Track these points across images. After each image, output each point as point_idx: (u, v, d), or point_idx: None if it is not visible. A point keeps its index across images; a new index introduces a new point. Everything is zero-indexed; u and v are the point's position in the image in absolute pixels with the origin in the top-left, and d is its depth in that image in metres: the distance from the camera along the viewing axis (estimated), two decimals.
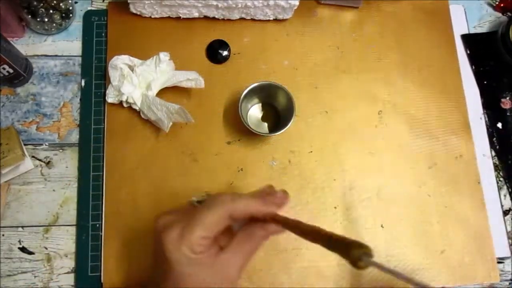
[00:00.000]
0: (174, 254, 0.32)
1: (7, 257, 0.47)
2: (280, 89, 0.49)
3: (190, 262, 0.32)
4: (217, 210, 0.33)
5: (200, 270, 0.32)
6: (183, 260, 0.32)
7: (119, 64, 0.49)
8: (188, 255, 0.32)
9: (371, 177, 0.52)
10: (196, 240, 0.32)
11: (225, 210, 0.33)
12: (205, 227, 0.32)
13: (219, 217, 0.33)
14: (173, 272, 0.32)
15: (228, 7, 0.53)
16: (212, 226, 0.32)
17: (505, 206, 0.54)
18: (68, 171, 0.50)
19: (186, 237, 0.32)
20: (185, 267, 0.32)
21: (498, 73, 0.59)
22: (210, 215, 0.33)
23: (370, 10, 0.59)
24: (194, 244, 0.32)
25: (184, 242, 0.32)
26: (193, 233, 0.32)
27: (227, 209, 0.33)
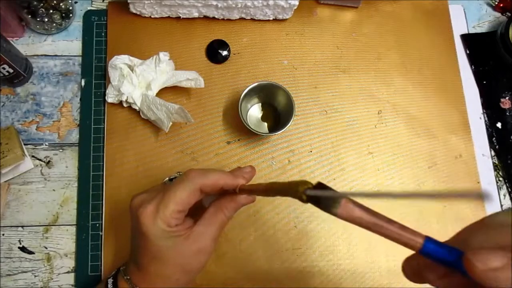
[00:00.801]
0: (150, 229, 0.33)
1: (7, 256, 0.47)
2: (280, 89, 0.49)
3: (166, 235, 0.33)
4: (188, 184, 0.34)
5: (177, 243, 0.34)
6: (159, 234, 0.33)
7: (119, 64, 0.49)
8: (164, 228, 0.33)
9: (371, 176, 0.52)
10: (171, 214, 0.33)
11: (195, 183, 0.34)
12: (178, 201, 0.33)
13: (191, 191, 0.34)
14: (151, 246, 0.34)
15: (228, 7, 0.53)
16: (185, 200, 0.34)
17: (505, 206, 0.54)
18: (68, 171, 0.50)
19: (161, 212, 0.33)
20: (162, 241, 0.33)
21: (497, 73, 0.59)
22: (182, 189, 0.34)
23: (370, 10, 0.59)
24: (169, 218, 0.33)
25: (160, 217, 0.33)
26: (167, 208, 0.33)
27: (197, 182, 0.34)
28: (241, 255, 0.48)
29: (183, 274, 0.35)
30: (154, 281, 0.35)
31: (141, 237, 0.34)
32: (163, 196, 0.34)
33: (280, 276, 0.48)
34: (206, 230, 0.35)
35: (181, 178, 0.35)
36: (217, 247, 0.47)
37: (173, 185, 0.35)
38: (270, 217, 0.49)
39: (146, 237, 0.33)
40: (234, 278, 0.47)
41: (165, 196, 0.34)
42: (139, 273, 0.36)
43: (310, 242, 0.49)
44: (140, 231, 0.34)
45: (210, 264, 0.47)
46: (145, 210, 0.33)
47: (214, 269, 0.47)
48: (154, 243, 0.33)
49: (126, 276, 0.36)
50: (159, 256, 0.34)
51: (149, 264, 0.34)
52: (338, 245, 0.50)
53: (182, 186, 0.34)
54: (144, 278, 0.35)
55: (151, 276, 0.35)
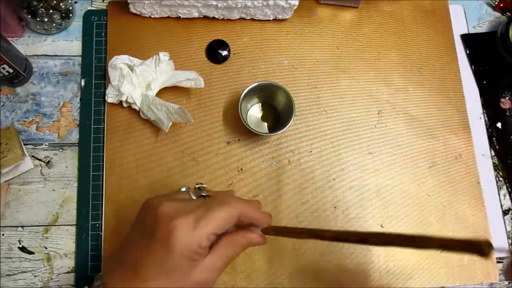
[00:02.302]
0: (181, 243, 0.31)
1: (7, 256, 0.47)
2: (280, 89, 0.49)
3: (190, 255, 0.31)
4: (231, 209, 0.33)
5: (189, 267, 0.32)
6: (185, 250, 0.31)
7: (119, 64, 0.49)
8: (193, 247, 0.31)
9: (371, 176, 0.52)
10: (207, 235, 0.31)
11: (238, 210, 0.33)
12: (218, 222, 0.32)
13: (231, 216, 0.33)
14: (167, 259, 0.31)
15: (227, 7, 0.53)
16: (224, 223, 0.32)
17: (505, 206, 0.54)
18: (68, 171, 0.50)
19: (199, 229, 0.31)
20: (182, 259, 0.31)
21: (497, 73, 0.59)
22: (224, 212, 0.32)
23: (370, 10, 0.59)
24: (204, 237, 0.31)
25: (196, 233, 0.31)
26: (207, 227, 0.31)
27: (240, 210, 0.33)
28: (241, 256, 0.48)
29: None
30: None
31: (160, 247, 0.31)
32: (204, 213, 0.32)
33: (280, 277, 0.48)
34: (216, 263, 0.33)
35: (222, 199, 0.34)
36: None
37: (213, 204, 0.33)
38: None
39: (168, 249, 0.31)
40: (234, 278, 0.47)
41: (206, 214, 0.32)
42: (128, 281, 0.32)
43: (310, 242, 0.49)
44: (164, 241, 0.31)
45: None
46: (182, 222, 0.31)
47: None
48: (173, 258, 0.31)
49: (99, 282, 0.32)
50: (169, 273, 0.31)
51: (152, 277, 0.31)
52: (338, 245, 0.50)
53: (224, 208, 0.32)
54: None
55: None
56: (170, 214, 0.32)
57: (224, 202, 0.33)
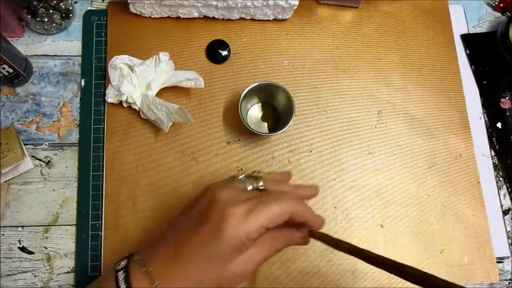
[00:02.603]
0: (230, 231, 0.31)
1: (7, 256, 0.47)
2: (280, 89, 0.49)
3: (236, 245, 0.31)
4: (285, 206, 0.33)
5: (232, 257, 0.32)
6: (233, 240, 0.31)
7: (118, 64, 0.49)
8: (242, 237, 0.31)
9: (371, 176, 0.52)
10: (257, 227, 0.31)
11: (291, 207, 0.33)
12: (270, 217, 0.32)
13: (284, 212, 0.32)
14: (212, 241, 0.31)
15: (227, 7, 0.53)
16: (275, 218, 0.32)
17: (505, 206, 0.54)
18: (68, 171, 0.50)
19: (251, 220, 0.31)
20: (228, 247, 0.31)
21: (497, 73, 0.59)
22: (278, 208, 0.32)
23: (370, 10, 0.59)
24: (254, 229, 0.31)
25: (247, 224, 0.31)
26: (258, 219, 0.31)
27: (293, 207, 0.33)
28: None
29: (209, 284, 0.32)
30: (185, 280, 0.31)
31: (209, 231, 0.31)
32: (257, 205, 0.32)
33: (280, 277, 0.48)
34: (256, 256, 0.33)
35: (278, 195, 0.34)
36: None
37: (269, 198, 0.33)
38: None
39: (217, 235, 0.31)
40: None
41: (259, 206, 0.32)
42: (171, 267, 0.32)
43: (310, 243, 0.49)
44: (215, 226, 0.31)
45: None
46: (235, 210, 0.31)
47: None
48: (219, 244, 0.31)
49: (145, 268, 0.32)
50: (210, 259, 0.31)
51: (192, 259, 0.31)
52: None
53: (278, 203, 0.32)
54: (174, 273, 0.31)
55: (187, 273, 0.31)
56: (225, 201, 0.32)
57: (281, 197, 0.33)
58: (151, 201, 0.49)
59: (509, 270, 0.52)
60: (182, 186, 0.49)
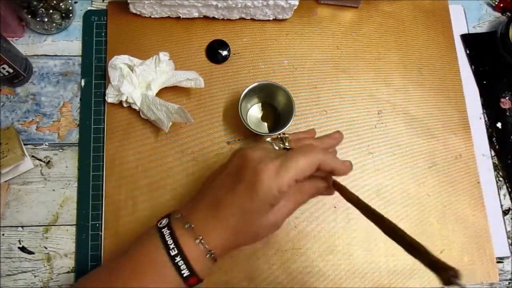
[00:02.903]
0: (264, 186, 0.33)
1: (7, 256, 0.47)
2: (280, 89, 0.49)
3: (270, 199, 0.33)
4: (311, 158, 0.34)
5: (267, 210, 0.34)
6: (267, 194, 0.33)
7: (118, 64, 0.49)
8: (274, 191, 0.33)
9: (371, 176, 0.52)
10: (288, 181, 0.33)
11: (318, 159, 0.34)
12: (299, 169, 0.33)
13: (312, 164, 0.34)
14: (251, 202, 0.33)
15: (227, 7, 0.53)
16: (304, 170, 0.34)
17: (505, 206, 0.54)
18: (68, 171, 0.50)
19: (281, 175, 0.33)
20: (263, 202, 0.33)
21: (497, 73, 0.59)
22: (305, 160, 0.34)
23: (370, 10, 0.59)
24: (285, 183, 0.33)
25: (278, 178, 0.33)
26: (288, 172, 0.33)
27: (320, 158, 0.35)
28: (241, 256, 0.48)
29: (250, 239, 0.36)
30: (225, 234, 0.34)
31: (245, 188, 0.33)
32: (286, 160, 0.34)
33: (280, 277, 0.48)
34: (286, 207, 0.36)
35: (304, 149, 0.35)
36: None
37: (296, 153, 0.35)
38: None
39: (252, 190, 0.33)
40: (234, 278, 0.47)
41: (287, 161, 0.34)
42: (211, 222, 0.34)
43: (310, 243, 0.49)
44: (250, 183, 0.33)
45: None
46: (267, 166, 0.33)
47: (214, 270, 0.47)
48: (254, 199, 0.33)
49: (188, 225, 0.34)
50: (247, 212, 0.33)
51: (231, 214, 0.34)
52: (338, 245, 0.50)
53: (305, 156, 0.34)
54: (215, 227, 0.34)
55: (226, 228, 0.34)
56: (257, 159, 0.34)
57: (307, 150, 0.35)
58: (151, 201, 0.49)
59: (509, 270, 0.52)
60: (182, 186, 0.49)
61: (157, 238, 0.34)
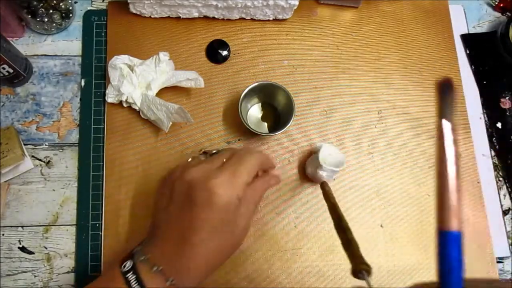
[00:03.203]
0: (222, 199, 0.32)
1: (7, 256, 0.47)
2: (280, 89, 0.49)
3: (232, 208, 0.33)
4: (256, 157, 0.35)
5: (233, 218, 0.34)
6: (230, 205, 0.33)
7: (118, 64, 0.49)
8: (234, 199, 0.33)
9: (371, 176, 0.52)
10: (242, 186, 0.34)
11: (259, 160, 0.36)
12: (248, 174, 0.34)
13: (256, 165, 0.36)
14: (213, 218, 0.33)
15: (227, 7, 0.53)
16: (252, 174, 0.35)
17: (505, 206, 0.54)
18: (68, 171, 0.50)
19: (235, 183, 0.33)
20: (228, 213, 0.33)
21: (497, 73, 0.59)
22: (251, 164, 0.35)
23: (370, 10, 0.59)
24: (240, 189, 0.34)
25: (234, 187, 0.33)
26: (241, 179, 0.34)
27: (260, 159, 0.36)
28: (241, 256, 0.48)
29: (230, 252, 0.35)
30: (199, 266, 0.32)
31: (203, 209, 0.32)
32: (234, 168, 0.34)
33: (280, 277, 0.48)
34: (248, 208, 0.36)
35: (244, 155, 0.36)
36: None
37: (242, 156, 0.36)
38: (271, 217, 0.49)
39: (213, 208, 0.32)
40: (234, 278, 0.47)
41: (237, 168, 0.34)
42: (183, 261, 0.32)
43: (310, 243, 0.49)
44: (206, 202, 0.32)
45: None
46: (218, 180, 0.33)
47: None
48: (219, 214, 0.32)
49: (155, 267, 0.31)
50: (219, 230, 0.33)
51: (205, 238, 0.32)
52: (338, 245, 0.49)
53: (250, 161, 0.35)
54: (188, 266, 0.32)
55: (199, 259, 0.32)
56: (201, 178, 0.34)
57: (247, 154, 0.36)
58: (151, 201, 0.49)
59: (509, 270, 0.52)
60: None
61: (122, 284, 0.31)
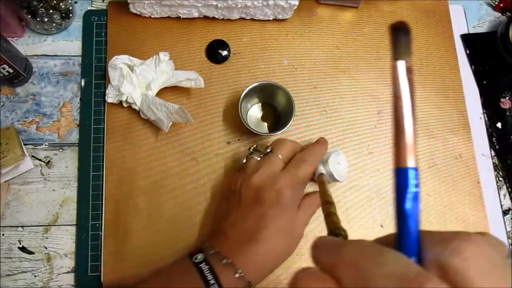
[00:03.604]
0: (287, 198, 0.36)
1: (7, 256, 0.47)
2: (280, 89, 0.49)
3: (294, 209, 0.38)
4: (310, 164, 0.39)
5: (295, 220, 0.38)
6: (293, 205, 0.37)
7: (118, 64, 0.49)
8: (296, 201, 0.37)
9: (371, 176, 0.52)
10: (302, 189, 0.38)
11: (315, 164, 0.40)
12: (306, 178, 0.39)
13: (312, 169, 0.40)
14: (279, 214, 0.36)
15: (227, 7, 0.53)
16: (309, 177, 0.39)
17: (505, 206, 0.54)
18: (68, 171, 0.50)
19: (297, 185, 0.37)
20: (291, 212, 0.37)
21: (497, 73, 0.59)
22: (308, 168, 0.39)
23: (370, 10, 0.59)
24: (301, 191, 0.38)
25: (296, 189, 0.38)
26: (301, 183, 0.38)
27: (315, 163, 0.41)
28: None
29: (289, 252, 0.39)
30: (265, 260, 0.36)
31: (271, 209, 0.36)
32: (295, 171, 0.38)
33: (280, 277, 0.48)
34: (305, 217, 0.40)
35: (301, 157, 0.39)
36: None
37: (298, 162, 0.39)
38: None
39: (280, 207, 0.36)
40: None
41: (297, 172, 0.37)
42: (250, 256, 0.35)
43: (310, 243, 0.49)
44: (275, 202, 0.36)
45: None
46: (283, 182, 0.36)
47: None
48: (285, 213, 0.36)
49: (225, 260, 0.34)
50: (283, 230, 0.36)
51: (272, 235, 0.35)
52: None
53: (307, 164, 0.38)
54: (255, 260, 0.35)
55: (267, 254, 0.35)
56: (268, 180, 0.37)
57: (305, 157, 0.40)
58: (151, 201, 0.49)
59: None
60: (182, 186, 0.49)
61: (194, 273, 0.34)
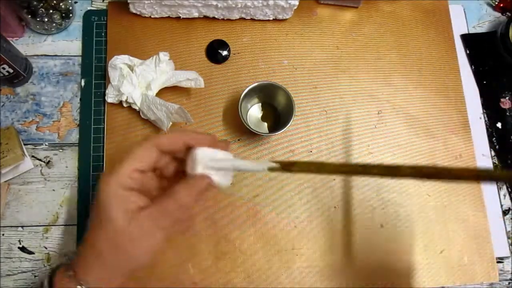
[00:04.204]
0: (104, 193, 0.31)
1: (7, 256, 0.47)
2: (280, 89, 0.49)
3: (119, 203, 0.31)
4: (144, 143, 0.33)
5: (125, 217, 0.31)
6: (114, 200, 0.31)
7: (118, 64, 0.49)
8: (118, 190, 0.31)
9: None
10: (125, 172, 0.31)
11: (151, 142, 0.33)
12: (133, 157, 0.32)
13: (147, 149, 0.33)
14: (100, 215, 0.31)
15: (228, 7, 0.53)
16: (141, 157, 0.33)
17: (505, 206, 0.54)
18: (68, 171, 0.50)
19: (116, 173, 0.31)
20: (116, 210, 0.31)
21: (497, 73, 0.59)
22: (139, 147, 0.33)
23: (370, 10, 0.59)
24: (123, 176, 0.31)
25: (115, 178, 0.31)
26: (122, 166, 0.32)
27: (153, 141, 0.33)
28: (241, 256, 0.48)
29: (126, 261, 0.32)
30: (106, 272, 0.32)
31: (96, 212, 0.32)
32: (120, 160, 0.32)
33: (280, 277, 0.48)
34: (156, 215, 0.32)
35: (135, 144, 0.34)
36: (217, 248, 0.47)
37: (131, 145, 0.34)
38: (271, 217, 0.49)
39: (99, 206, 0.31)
40: (234, 278, 0.47)
41: (121, 159, 0.32)
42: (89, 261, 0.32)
43: (310, 243, 0.49)
44: (97, 202, 0.31)
45: (210, 265, 0.47)
46: (102, 178, 0.32)
47: (215, 270, 0.47)
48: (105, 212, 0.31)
49: (68, 272, 0.32)
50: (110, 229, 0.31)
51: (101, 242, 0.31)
52: (339, 245, 0.50)
53: (138, 144, 0.33)
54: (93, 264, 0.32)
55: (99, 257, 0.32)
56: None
57: (139, 140, 0.35)
58: None
59: (509, 270, 0.52)
60: None
61: None
